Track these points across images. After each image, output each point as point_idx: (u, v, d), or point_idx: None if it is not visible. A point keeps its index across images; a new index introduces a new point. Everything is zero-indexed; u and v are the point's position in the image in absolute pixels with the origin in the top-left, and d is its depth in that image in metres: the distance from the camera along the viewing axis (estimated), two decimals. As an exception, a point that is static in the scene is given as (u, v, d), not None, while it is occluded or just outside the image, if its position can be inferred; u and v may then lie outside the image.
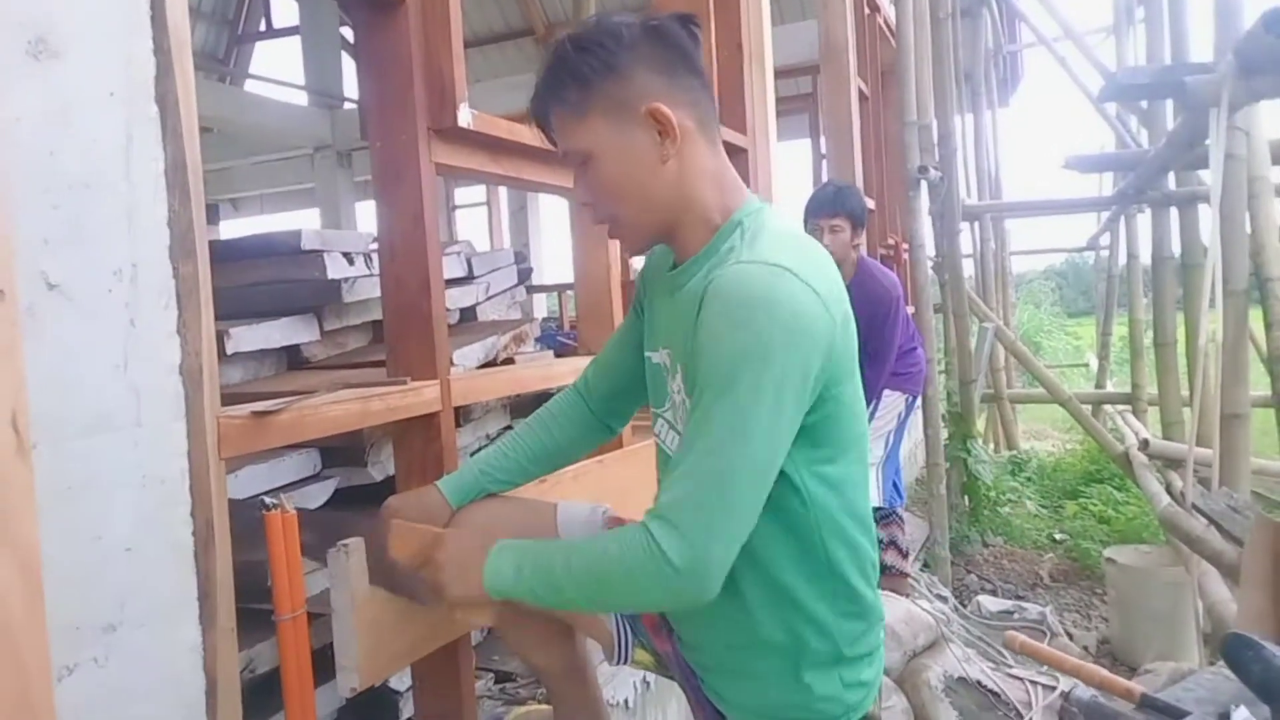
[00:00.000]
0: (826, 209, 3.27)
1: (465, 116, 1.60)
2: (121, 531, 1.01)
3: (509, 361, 2.21)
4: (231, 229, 12.48)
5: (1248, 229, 3.03)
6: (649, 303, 1.25)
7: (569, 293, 7.59)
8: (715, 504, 0.93)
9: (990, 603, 3.61)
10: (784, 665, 1.09)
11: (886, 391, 3.35)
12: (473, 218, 12.86)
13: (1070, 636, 3.42)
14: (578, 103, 1.07)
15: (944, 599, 3.59)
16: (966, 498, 4.64)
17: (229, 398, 1.61)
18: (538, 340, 2.86)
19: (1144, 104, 4.62)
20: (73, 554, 0.96)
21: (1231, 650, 1.28)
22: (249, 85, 10.74)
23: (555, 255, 11.93)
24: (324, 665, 1.28)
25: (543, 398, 2.09)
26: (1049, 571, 4.26)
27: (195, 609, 1.08)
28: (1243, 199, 2.94)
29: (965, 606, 3.61)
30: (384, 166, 1.60)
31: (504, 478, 1.38)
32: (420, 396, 1.51)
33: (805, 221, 3.33)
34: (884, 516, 3.39)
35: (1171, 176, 4.33)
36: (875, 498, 3.41)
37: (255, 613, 1.26)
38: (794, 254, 1.01)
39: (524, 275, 2.70)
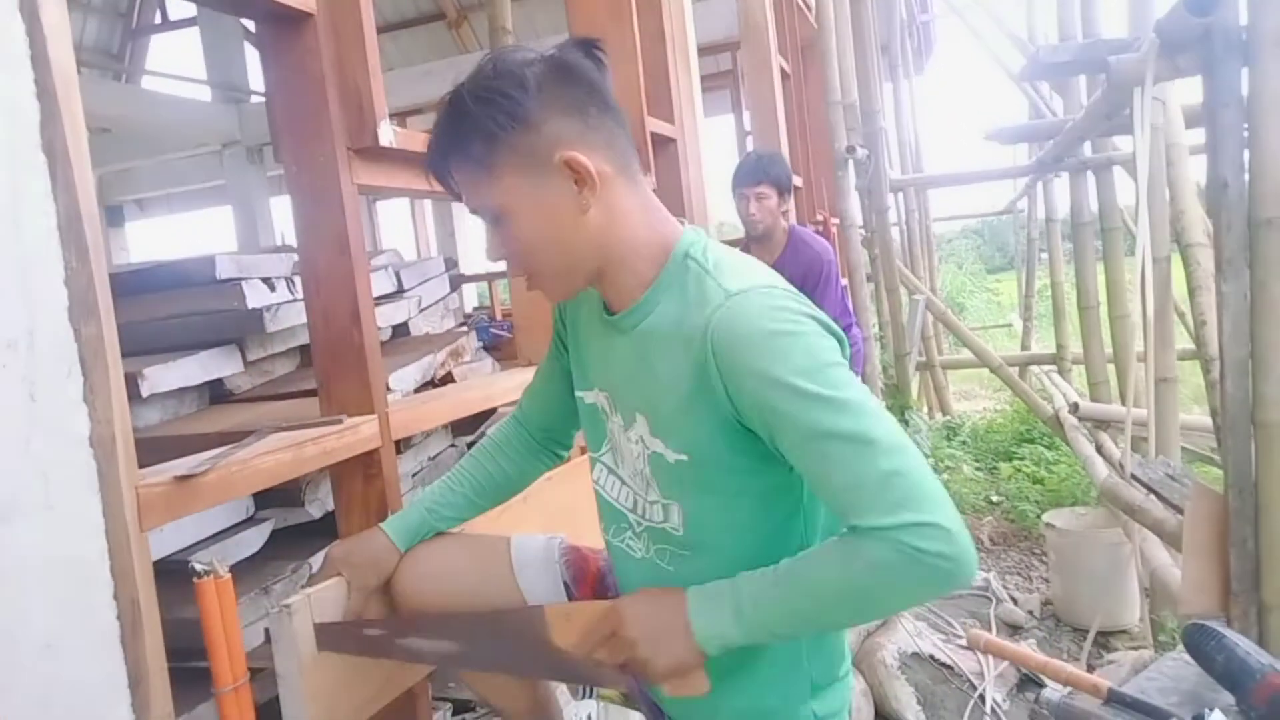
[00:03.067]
0: (751, 177, 3.27)
1: (387, 134, 1.51)
2: (39, 626, 0.92)
3: (447, 379, 2.14)
4: (139, 230, 11.95)
5: (1167, 195, 3.11)
6: (574, 340, 1.19)
7: (499, 281, 7.47)
8: (922, 482, 0.86)
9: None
10: (759, 702, 1.07)
11: None
12: (395, 209, 12.57)
13: (1015, 601, 3.50)
14: (482, 159, 0.99)
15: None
16: (907, 468, 4.71)
17: (146, 443, 1.52)
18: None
19: (1058, 72, 4.70)
20: (-16, 659, 0.87)
21: (1193, 640, 1.30)
22: (146, 81, 10.25)
23: (483, 243, 11.72)
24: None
25: (486, 412, 2.02)
26: (989, 535, 4.35)
27: (127, 698, 1.00)
28: (1162, 166, 3.00)
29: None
30: (301, 191, 1.50)
31: (451, 514, 1.32)
32: (358, 434, 1.43)
33: (732, 191, 3.30)
34: None
35: (1088, 143, 4.43)
36: None
37: (194, 672, 1.19)
38: (763, 272, 1.02)
39: (455, 283, 2.61)
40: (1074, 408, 4.08)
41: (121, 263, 8.67)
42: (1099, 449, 3.80)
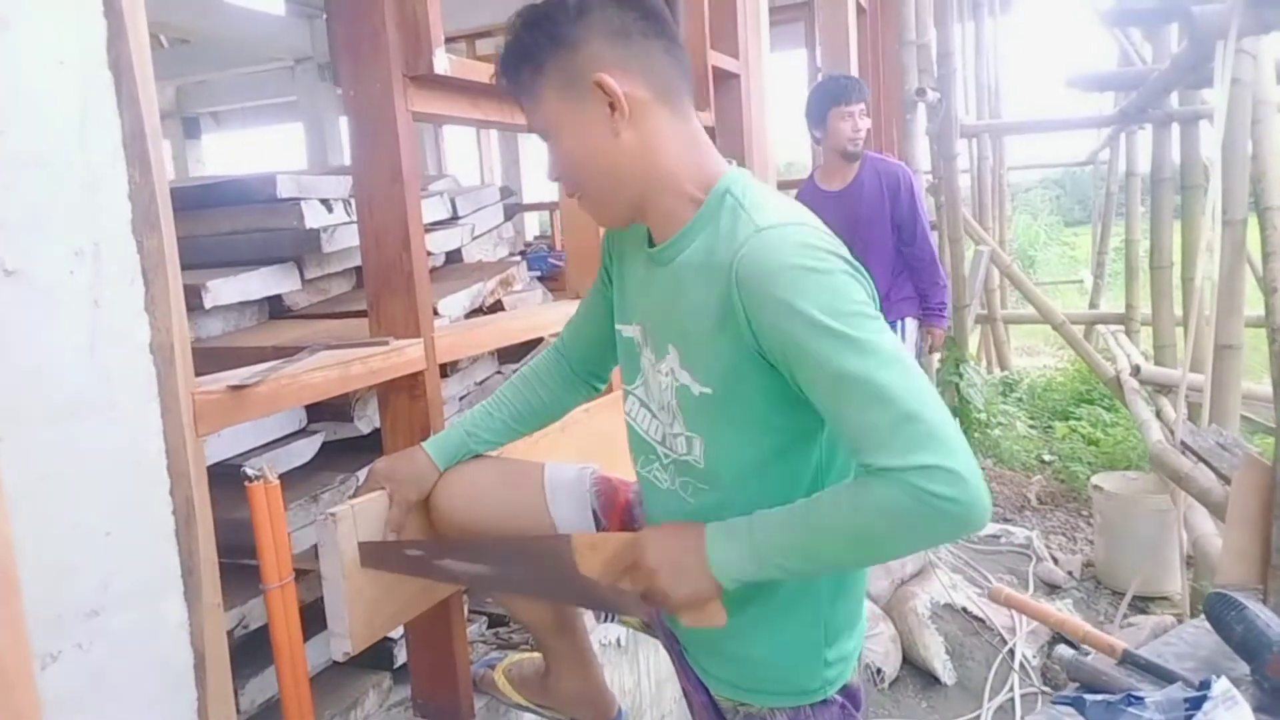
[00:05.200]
0: (855, 94, 3.24)
1: (442, 63, 1.53)
2: (99, 516, 1.00)
3: (497, 307, 2.18)
4: (214, 142, 12.18)
5: (1249, 152, 2.97)
6: (618, 273, 1.21)
7: (561, 211, 7.49)
8: (939, 428, 0.87)
9: (976, 527, 3.66)
10: (774, 645, 1.10)
11: (909, 321, 3.35)
12: (461, 136, 12.59)
13: (1056, 561, 3.49)
14: (530, 81, 1.04)
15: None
16: (959, 420, 4.67)
17: (207, 353, 1.60)
18: (530, 266, 2.82)
19: (1150, 18, 4.47)
20: (50, 543, 0.95)
21: (1214, 608, 1.30)
22: (226, -6, 10.33)
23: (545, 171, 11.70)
24: (315, 619, 1.29)
25: (534, 341, 2.07)
26: (1037, 494, 4.31)
27: (179, 586, 1.08)
28: (1246, 124, 2.87)
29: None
30: (358, 116, 1.54)
31: (490, 438, 1.37)
32: (403, 356, 1.49)
33: (823, 111, 3.24)
34: None
35: (1174, 94, 4.23)
36: None
37: (246, 569, 1.27)
38: (799, 211, 1.02)
39: (510, 212, 2.64)
40: (1135, 370, 3.98)
41: (196, 175, 8.90)
42: (1158, 414, 3.72)
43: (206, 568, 1.09)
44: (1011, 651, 2.65)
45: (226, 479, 1.25)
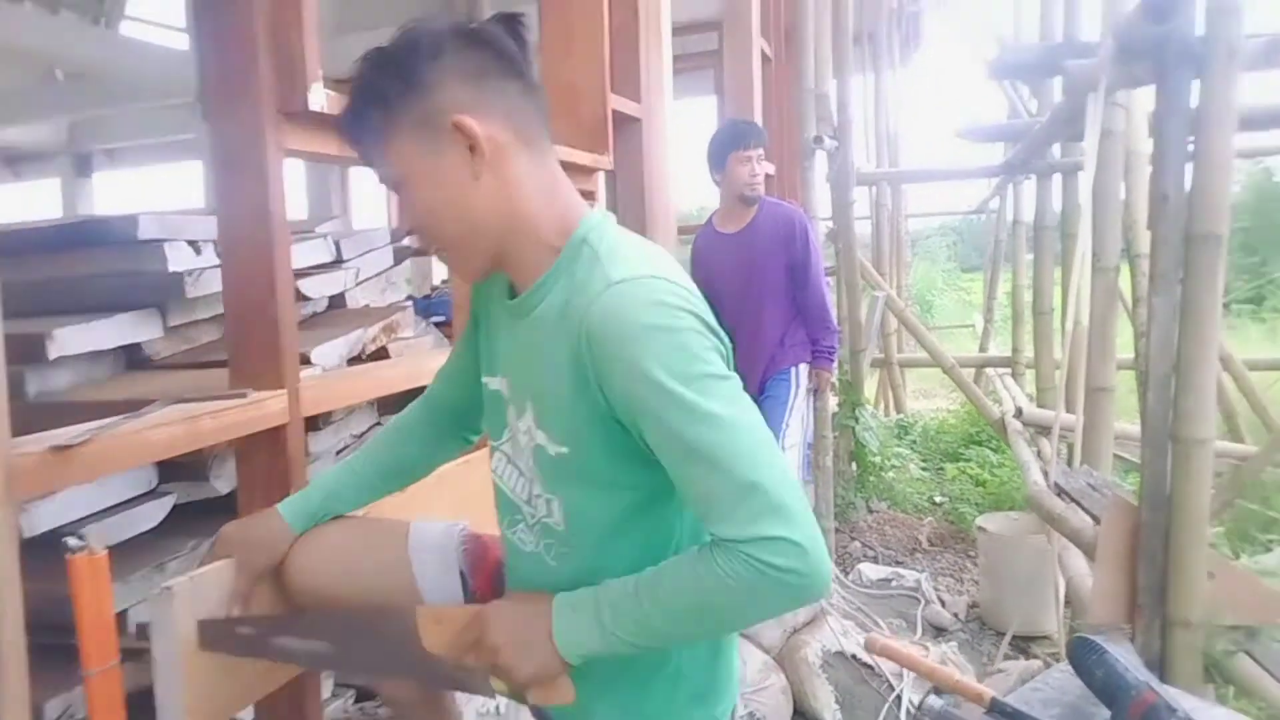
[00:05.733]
0: (751, 138, 3.29)
1: (319, 98, 1.48)
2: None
3: (381, 354, 2.11)
4: (107, 181, 11.68)
5: (1122, 198, 3.12)
6: (485, 322, 1.17)
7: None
8: (782, 499, 0.85)
9: (871, 570, 3.71)
10: (637, 715, 1.06)
11: (803, 368, 3.38)
12: (369, 177, 12.36)
13: (943, 603, 3.54)
14: (382, 125, 0.99)
15: (828, 570, 3.66)
16: (854, 464, 4.75)
17: (50, 409, 1.49)
18: (427, 312, 2.75)
19: (1029, 76, 4.70)
20: None
21: (1076, 653, 1.31)
22: (125, 27, 9.96)
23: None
24: (150, 706, 1.19)
25: (418, 390, 2.00)
26: (928, 536, 4.40)
27: (-19, 672, 0.98)
28: (1119, 174, 3.01)
29: (848, 575, 3.70)
30: (224, 152, 1.47)
31: (352, 497, 1.30)
32: (262, 410, 1.41)
33: (723, 155, 3.28)
34: None
35: (1058, 145, 4.44)
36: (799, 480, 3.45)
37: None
38: (658, 262, 0.99)
39: (401, 255, 2.57)
40: (1018, 412, 4.12)
41: (85, 213, 8.51)
42: (1038, 453, 3.85)
43: (11, 653, 0.99)
44: (899, 698, 2.66)
45: (55, 549, 1.15)
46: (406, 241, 2.45)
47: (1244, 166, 11.27)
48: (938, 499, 4.94)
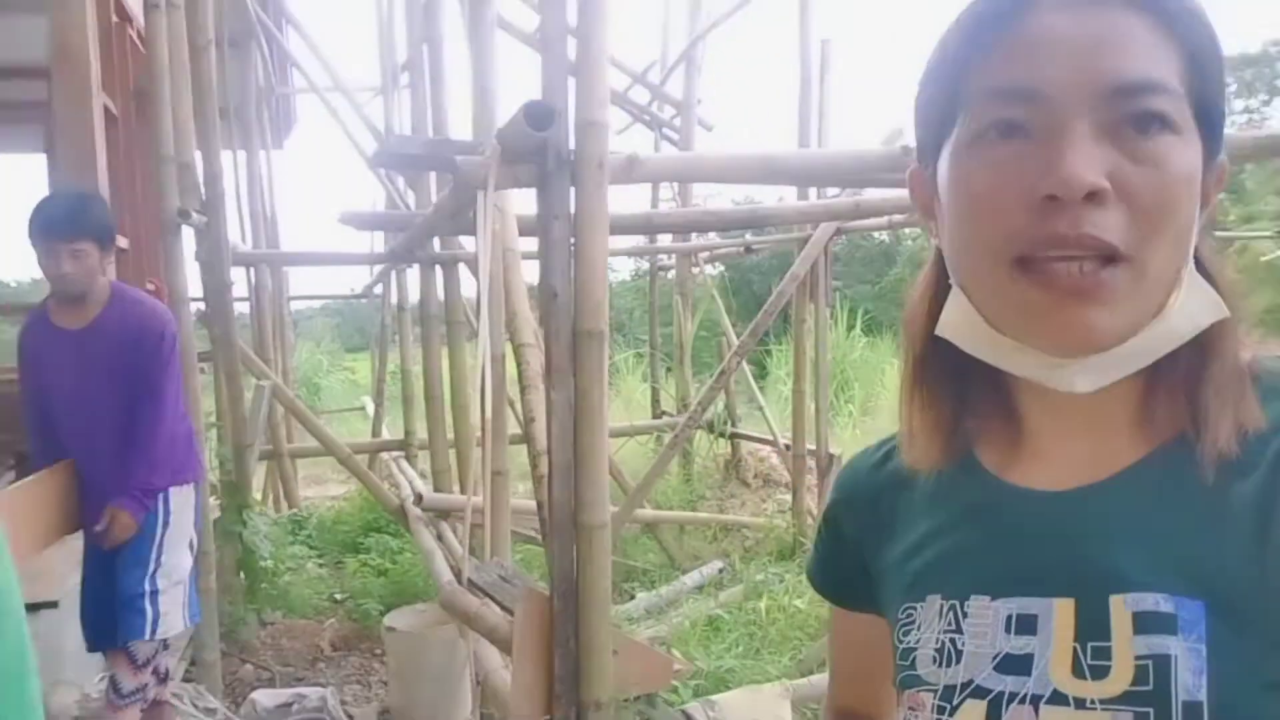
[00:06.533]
0: (67, 229, 2.60)
1: None
2: None
3: None
4: None
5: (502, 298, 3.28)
6: None
7: None
8: None
9: (266, 697, 3.25)
10: None
11: (174, 491, 2.77)
12: None
13: (351, 717, 3.26)
14: None
15: (213, 711, 3.11)
16: (243, 575, 4.21)
17: None
18: None
19: (410, 167, 4.82)
20: None
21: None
22: None
23: None
24: None
25: None
26: (330, 640, 4.08)
27: None
28: (500, 270, 3.16)
29: (239, 709, 3.20)
30: None
31: None
32: None
33: (34, 241, 2.59)
34: (163, 647, 2.81)
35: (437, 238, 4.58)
36: (183, 620, 2.81)
37: None
38: None
39: None
40: (418, 499, 4.07)
41: None
42: (439, 537, 3.83)
43: None
44: None
45: None
46: None
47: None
48: (339, 596, 4.64)
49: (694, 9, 6.26)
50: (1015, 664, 0.59)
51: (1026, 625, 0.59)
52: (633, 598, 4.37)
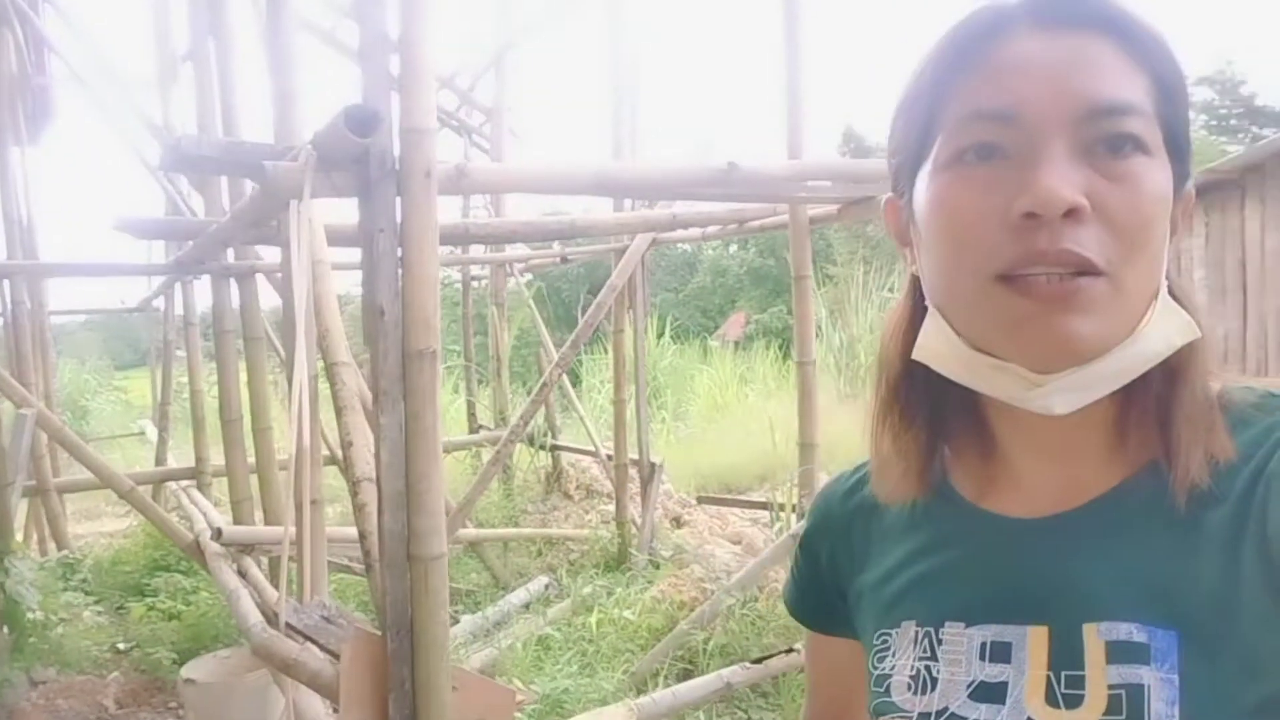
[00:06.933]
0: None
1: None
2: None
3: None
4: None
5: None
6: None
7: None
8: None
9: (45, 771, 2.86)
10: None
11: None
12: None
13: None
14: None
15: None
16: (6, 629, 3.69)
17: None
18: None
19: (198, 171, 4.42)
20: None
21: None
22: None
23: None
24: None
25: None
26: (115, 697, 3.65)
27: None
28: (309, 282, 2.94)
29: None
30: None
31: None
32: None
33: None
34: None
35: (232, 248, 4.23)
36: None
37: None
38: None
39: None
40: (216, 534, 3.72)
41: None
42: (243, 575, 3.52)
43: None
44: None
45: None
46: None
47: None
48: (123, 646, 4.17)
49: (502, 14, 6.17)
50: (990, 692, 0.59)
51: (1000, 653, 0.60)
52: (457, 621, 4.20)
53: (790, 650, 3.08)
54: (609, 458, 5.41)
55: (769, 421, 7.48)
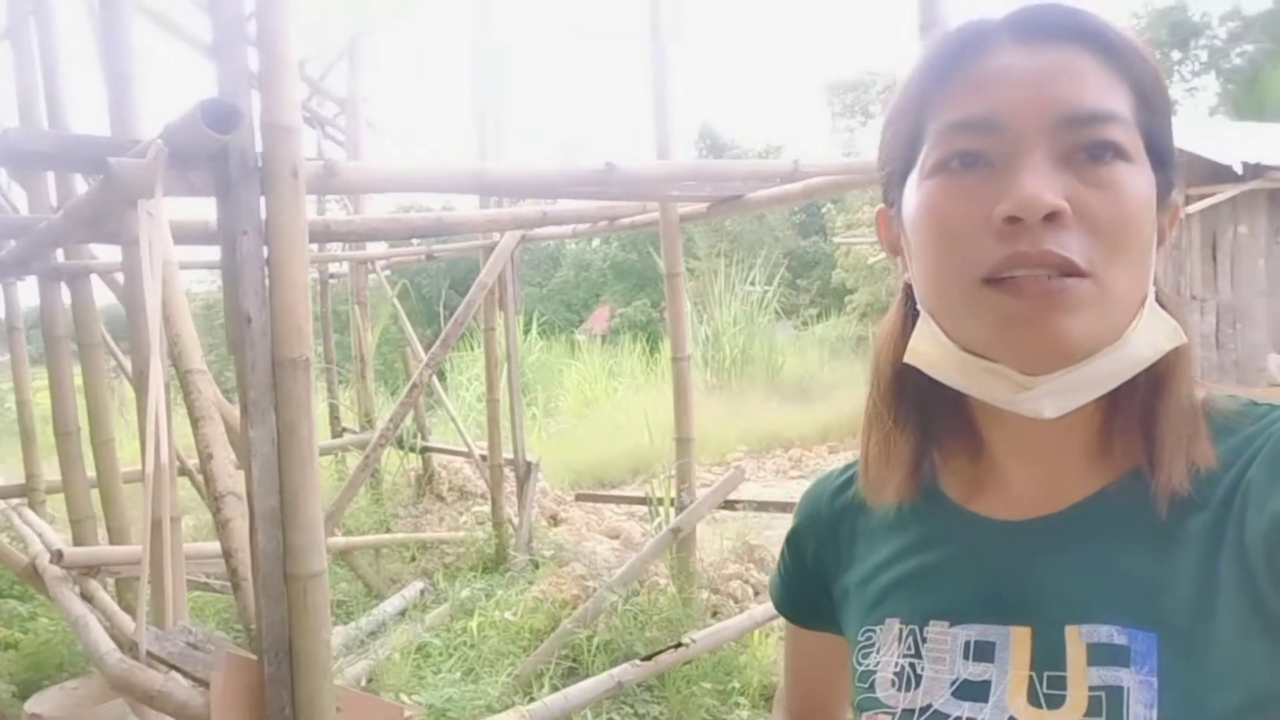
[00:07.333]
0: None
1: None
2: None
3: None
4: None
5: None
6: None
7: None
8: None
9: None
10: None
11: None
12: None
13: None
14: None
15: None
16: None
17: None
18: None
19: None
20: None
21: None
22: None
23: None
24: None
25: None
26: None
27: None
28: (159, 284, 2.75)
29: None
30: None
31: None
32: None
33: None
34: None
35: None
36: None
37: None
38: None
39: None
40: (57, 556, 3.43)
41: None
42: (88, 599, 3.26)
43: None
44: None
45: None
46: None
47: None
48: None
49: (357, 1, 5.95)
50: (973, 690, 0.60)
51: (984, 652, 0.61)
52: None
53: (679, 645, 3.12)
54: (483, 458, 5.32)
55: (641, 415, 7.54)
